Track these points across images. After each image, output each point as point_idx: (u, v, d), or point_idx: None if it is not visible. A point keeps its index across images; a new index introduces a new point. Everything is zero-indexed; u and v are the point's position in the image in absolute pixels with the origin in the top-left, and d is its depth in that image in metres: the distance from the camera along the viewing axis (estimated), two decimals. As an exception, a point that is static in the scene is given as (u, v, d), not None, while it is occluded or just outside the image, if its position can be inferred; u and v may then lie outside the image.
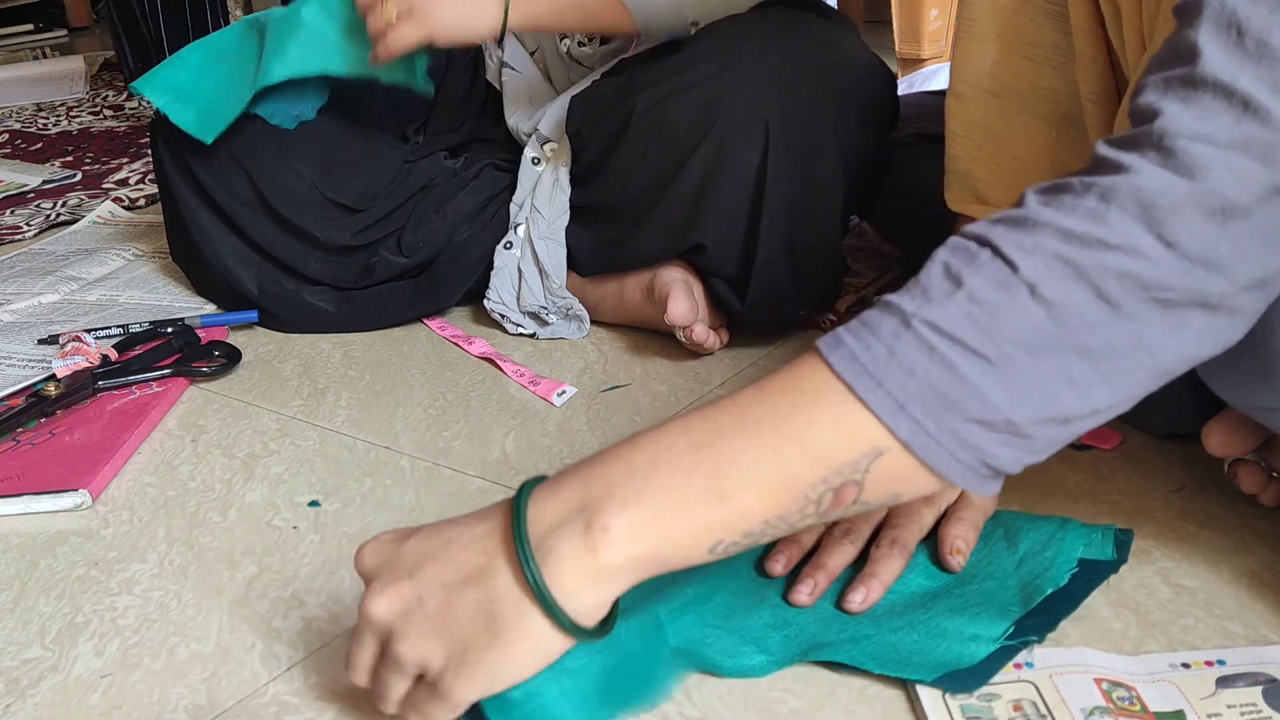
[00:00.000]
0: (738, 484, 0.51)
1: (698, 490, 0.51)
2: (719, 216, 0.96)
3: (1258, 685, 0.58)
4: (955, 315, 0.48)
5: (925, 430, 0.49)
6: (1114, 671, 0.59)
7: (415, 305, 1.11)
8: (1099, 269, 0.47)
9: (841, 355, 0.50)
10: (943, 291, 0.49)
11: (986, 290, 0.48)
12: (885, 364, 0.49)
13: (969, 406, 0.48)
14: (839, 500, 0.51)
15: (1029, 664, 0.60)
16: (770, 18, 1.02)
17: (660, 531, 0.51)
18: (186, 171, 1.10)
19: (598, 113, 1.04)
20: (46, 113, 2.23)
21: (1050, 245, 0.48)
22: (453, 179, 1.12)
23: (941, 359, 0.48)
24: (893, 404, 0.49)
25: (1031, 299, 0.48)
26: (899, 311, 0.50)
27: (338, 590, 0.72)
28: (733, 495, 0.51)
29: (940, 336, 0.48)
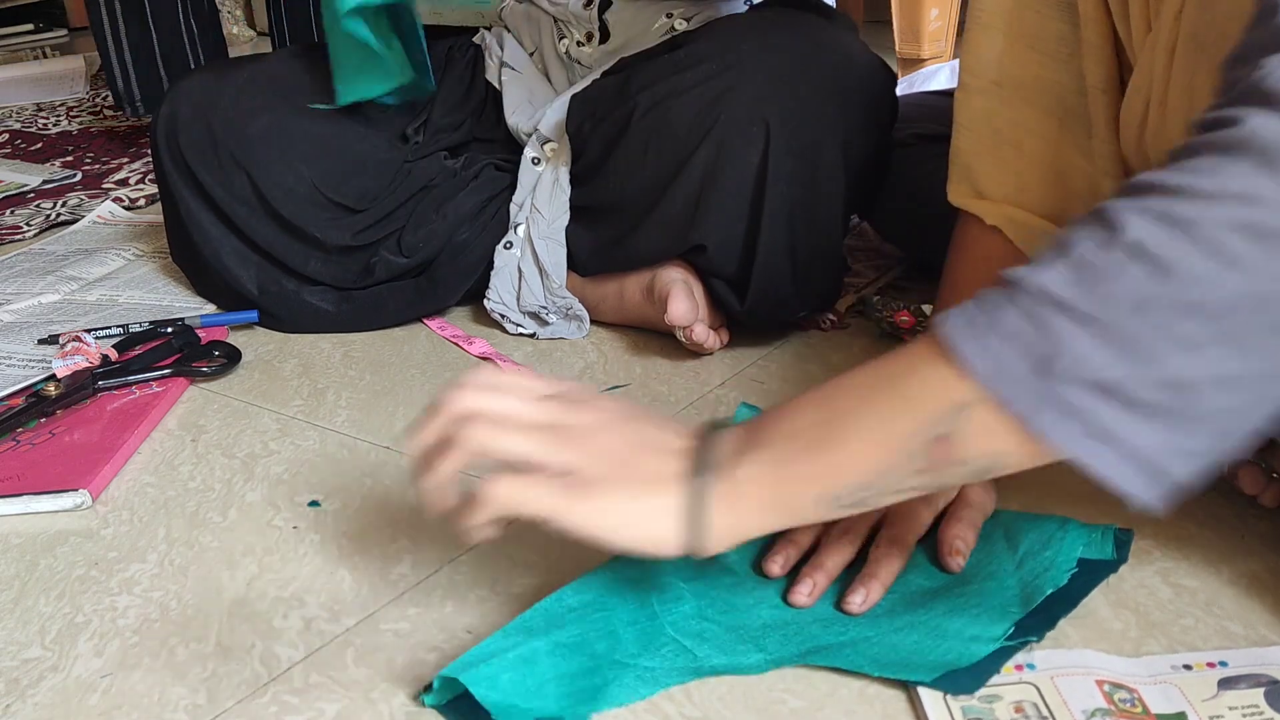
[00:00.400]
0: (846, 435, 0.53)
1: (814, 438, 0.54)
2: (719, 216, 0.96)
3: (1260, 687, 0.58)
4: (1057, 278, 0.48)
5: (1027, 391, 0.48)
6: (1115, 673, 0.59)
7: (415, 305, 1.11)
8: (1212, 222, 0.45)
9: (952, 324, 0.51)
10: (1049, 259, 0.49)
11: (1090, 253, 0.48)
12: (987, 328, 0.49)
13: (1065, 365, 0.47)
14: (938, 456, 0.51)
15: (1030, 665, 0.60)
16: (771, 17, 1.02)
17: (786, 473, 0.55)
18: (186, 171, 1.10)
19: (598, 112, 1.04)
20: (46, 113, 2.23)
21: (1158, 205, 0.47)
22: (453, 179, 1.12)
23: (1041, 321, 0.48)
24: (993, 366, 0.49)
25: (1133, 257, 0.46)
26: (1008, 281, 0.50)
27: (338, 590, 0.72)
28: (841, 444, 0.53)
29: (1041, 300, 0.48)
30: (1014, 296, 0.49)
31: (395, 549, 0.76)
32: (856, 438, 0.53)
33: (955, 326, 0.50)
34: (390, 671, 0.64)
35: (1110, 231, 0.48)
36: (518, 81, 1.17)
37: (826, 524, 0.68)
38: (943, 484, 0.53)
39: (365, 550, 0.76)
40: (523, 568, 0.73)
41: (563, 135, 1.08)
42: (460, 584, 0.72)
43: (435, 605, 0.70)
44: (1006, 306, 0.49)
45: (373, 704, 0.61)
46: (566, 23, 1.16)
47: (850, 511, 0.55)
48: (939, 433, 0.51)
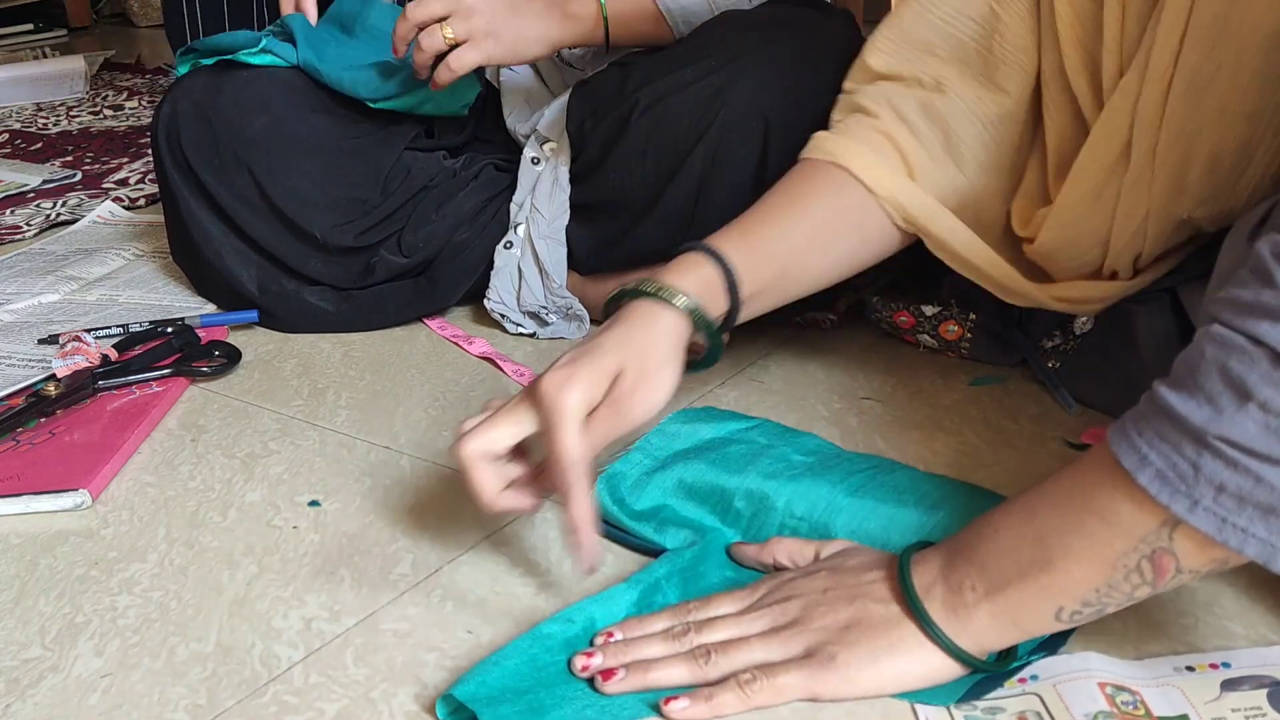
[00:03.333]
0: (1058, 554, 0.55)
1: (1027, 558, 0.56)
2: (719, 214, 0.96)
3: (1263, 688, 0.58)
4: (1253, 431, 0.48)
5: (1256, 537, 0.49)
6: (1118, 675, 0.59)
7: (415, 305, 1.11)
8: None
9: (1150, 474, 0.50)
10: (1230, 403, 0.49)
11: (1277, 399, 0.48)
12: (1194, 482, 0.49)
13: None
14: (1161, 569, 0.52)
15: (1033, 677, 0.59)
16: (770, 14, 1.02)
17: (1008, 594, 0.56)
18: (188, 171, 1.10)
19: (599, 109, 1.04)
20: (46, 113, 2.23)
21: None
22: (453, 179, 1.12)
23: (1249, 474, 0.48)
24: (1214, 519, 0.49)
25: None
26: (1192, 428, 0.50)
27: (338, 590, 0.72)
28: (1056, 564, 0.55)
29: (1240, 452, 0.48)
30: (1208, 446, 0.49)
31: (395, 549, 0.76)
32: (1070, 557, 0.54)
33: (1150, 475, 0.50)
34: (390, 671, 0.64)
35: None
36: (516, 83, 1.17)
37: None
38: (1174, 587, 0.54)
39: (365, 550, 0.76)
40: (523, 567, 0.73)
41: (562, 135, 1.08)
42: (460, 584, 0.72)
43: (435, 605, 0.70)
44: (1205, 458, 0.49)
45: (373, 704, 0.61)
46: None
47: (1087, 620, 0.56)
48: (1156, 548, 0.52)
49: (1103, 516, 0.53)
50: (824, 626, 0.59)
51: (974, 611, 0.57)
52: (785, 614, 0.61)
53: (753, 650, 0.59)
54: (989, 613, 0.57)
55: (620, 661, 0.60)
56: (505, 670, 0.60)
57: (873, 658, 0.58)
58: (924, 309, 0.98)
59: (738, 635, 0.61)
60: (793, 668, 0.58)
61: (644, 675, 0.59)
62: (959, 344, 0.98)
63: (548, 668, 0.61)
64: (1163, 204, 0.73)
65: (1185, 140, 0.69)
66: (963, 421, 0.88)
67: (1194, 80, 0.67)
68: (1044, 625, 0.56)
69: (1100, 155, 0.74)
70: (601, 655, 0.61)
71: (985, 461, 0.83)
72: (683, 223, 0.98)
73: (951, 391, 0.94)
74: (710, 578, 0.69)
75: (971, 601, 0.57)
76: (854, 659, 0.58)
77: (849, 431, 0.87)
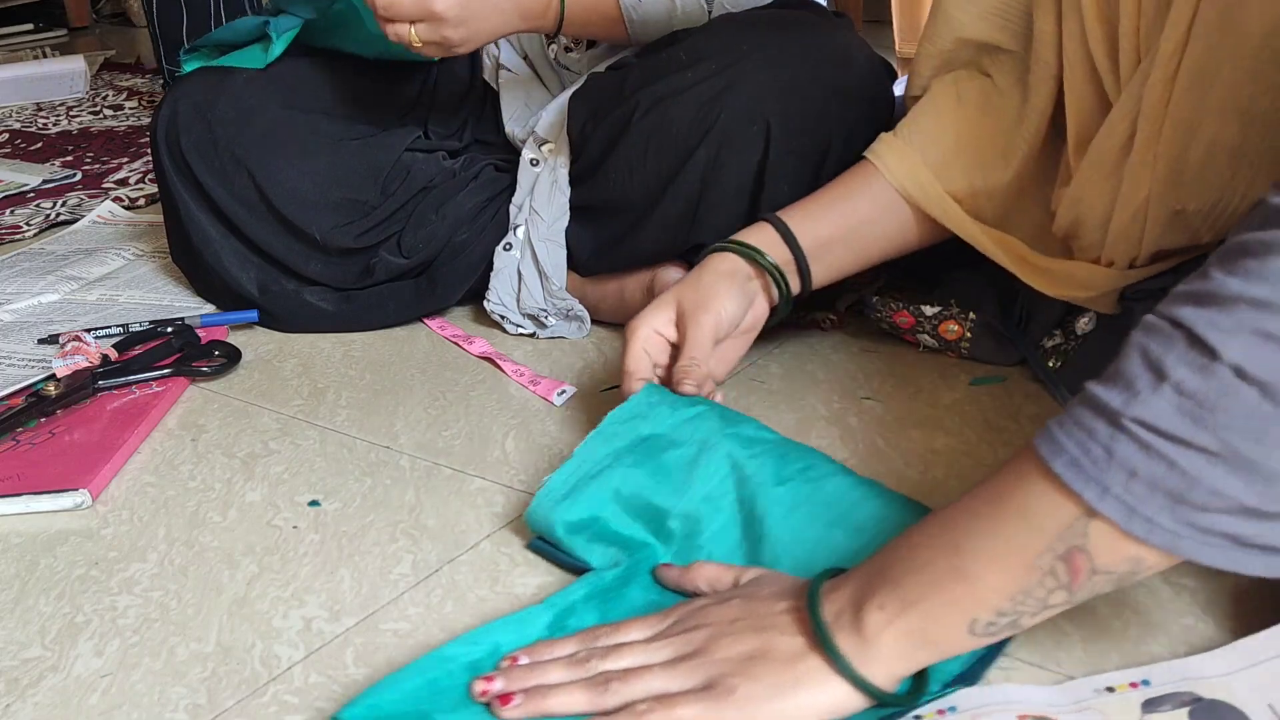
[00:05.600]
0: (973, 560, 0.53)
1: (941, 569, 0.54)
2: (719, 216, 0.96)
3: (1184, 707, 0.56)
4: (1163, 410, 0.48)
5: (1162, 527, 0.48)
6: (1036, 705, 0.57)
7: (415, 305, 1.11)
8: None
9: (1064, 462, 0.50)
10: (1147, 385, 0.48)
11: (1191, 379, 0.47)
12: (1106, 468, 0.49)
13: (1201, 499, 0.47)
14: (1075, 570, 0.51)
15: (952, 709, 0.58)
16: (770, 16, 1.02)
17: (920, 610, 0.54)
18: (187, 172, 1.10)
19: (599, 111, 1.04)
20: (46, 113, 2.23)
21: (1247, 320, 0.47)
22: (452, 180, 1.12)
23: (1160, 457, 0.48)
24: (1122, 507, 0.49)
25: (1241, 382, 0.46)
26: (1108, 410, 0.49)
27: (338, 590, 0.72)
28: (971, 571, 0.53)
29: (1153, 434, 0.48)
30: (1122, 429, 0.48)
31: (395, 549, 0.76)
32: (984, 563, 0.53)
33: (1064, 463, 0.50)
34: (390, 671, 0.64)
35: (1205, 354, 0.47)
36: (514, 85, 1.17)
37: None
38: (1088, 595, 0.52)
39: (365, 550, 0.76)
40: (523, 567, 0.73)
41: (560, 136, 1.08)
42: (460, 584, 0.72)
43: (435, 605, 0.70)
44: (1118, 441, 0.49)
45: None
46: None
47: (1006, 634, 0.54)
48: (1070, 546, 0.51)
49: (1020, 515, 0.51)
50: (727, 658, 0.57)
51: (883, 634, 0.55)
52: (690, 643, 0.59)
53: (653, 679, 0.57)
54: (900, 632, 0.55)
55: (518, 686, 0.58)
56: (401, 691, 0.58)
57: (775, 691, 0.56)
58: (924, 309, 0.98)
59: (641, 663, 0.59)
60: (691, 699, 0.56)
61: (540, 701, 0.57)
62: (959, 344, 0.98)
63: (447, 691, 0.59)
64: (1161, 192, 0.73)
65: (1186, 130, 0.69)
66: (963, 421, 0.88)
67: (1198, 73, 0.67)
68: (958, 641, 0.54)
69: (1114, 135, 0.75)
70: (501, 680, 0.59)
71: (985, 461, 0.83)
72: (683, 224, 0.98)
73: (951, 391, 0.94)
74: (634, 600, 0.67)
75: (881, 623, 0.55)
76: (754, 692, 0.56)
77: (849, 431, 0.87)
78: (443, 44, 0.97)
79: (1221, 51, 0.65)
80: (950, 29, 0.87)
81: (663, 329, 0.85)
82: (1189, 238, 0.77)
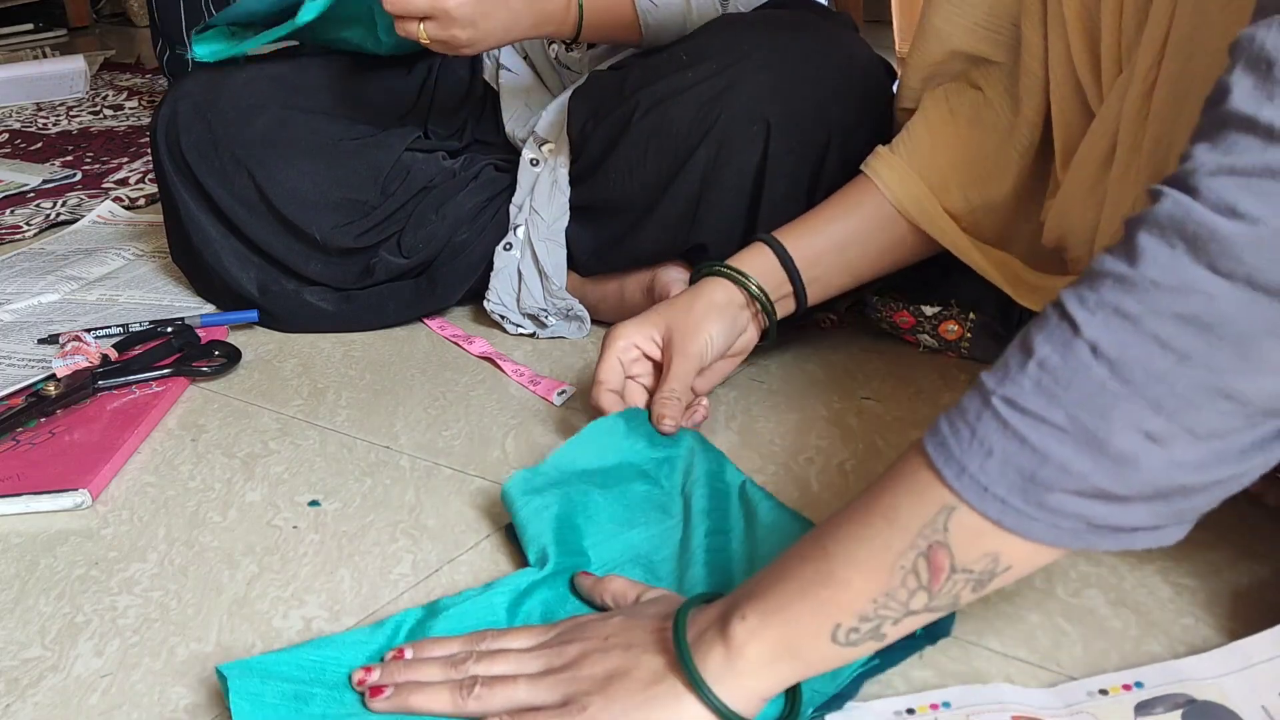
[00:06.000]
0: (841, 564, 0.52)
1: (808, 576, 0.53)
2: (720, 216, 0.96)
3: (1177, 709, 0.56)
4: (1026, 387, 0.48)
5: (1013, 508, 0.48)
6: (1030, 706, 0.57)
7: (415, 305, 1.11)
8: (1156, 315, 0.45)
9: (934, 443, 0.50)
10: (1017, 363, 0.49)
11: (1052, 356, 0.47)
12: (968, 447, 0.49)
13: (1050, 477, 0.47)
14: (936, 567, 0.50)
15: (945, 704, 0.57)
16: (771, 16, 1.02)
17: (784, 617, 0.53)
18: (187, 173, 1.10)
19: (599, 111, 1.04)
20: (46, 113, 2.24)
21: (1109, 297, 0.47)
22: (452, 180, 1.12)
23: (1015, 434, 0.48)
24: (976, 486, 0.48)
25: (1094, 358, 0.46)
26: (982, 390, 0.49)
27: (338, 590, 0.72)
28: (838, 575, 0.52)
29: (1013, 410, 0.48)
30: (989, 406, 0.49)
31: (395, 549, 0.76)
32: (851, 565, 0.52)
33: (934, 443, 0.50)
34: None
35: (1069, 330, 0.47)
36: (515, 84, 1.17)
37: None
38: (948, 603, 0.51)
39: (365, 550, 0.76)
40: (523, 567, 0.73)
41: (560, 136, 1.08)
42: (460, 584, 0.72)
43: (435, 605, 0.70)
44: (983, 420, 0.49)
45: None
46: None
47: (870, 646, 0.53)
48: (931, 541, 0.50)
49: (886, 514, 0.51)
50: (590, 675, 0.56)
51: (748, 647, 0.53)
52: (561, 657, 0.58)
53: (516, 691, 0.57)
54: (764, 645, 0.53)
55: (391, 680, 0.59)
56: (289, 660, 0.61)
57: (624, 712, 0.54)
58: (924, 309, 0.98)
59: (512, 672, 0.58)
60: (544, 715, 0.55)
61: (405, 698, 0.58)
62: (959, 344, 0.98)
63: (332, 671, 0.61)
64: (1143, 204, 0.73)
65: (1165, 140, 0.69)
66: (962, 421, 0.88)
67: (1174, 87, 0.67)
68: (821, 651, 0.53)
69: (1096, 148, 0.75)
70: (379, 671, 0.60)
71: (985, 461, 0.83)
72: (683, 224, 0.98)
73: (951, 391, 0.94)
74: (541, 598, 0.67)
75: (745, 635, 0.53)
76: (605, 713, 0.54)
77: (849, 431, 0.87)
78: (450, 43, 0.97)
79: (1194, 67, 0.65)
80: (939, 42, 0.87)
81: (643, 344, 0.84)
82: None
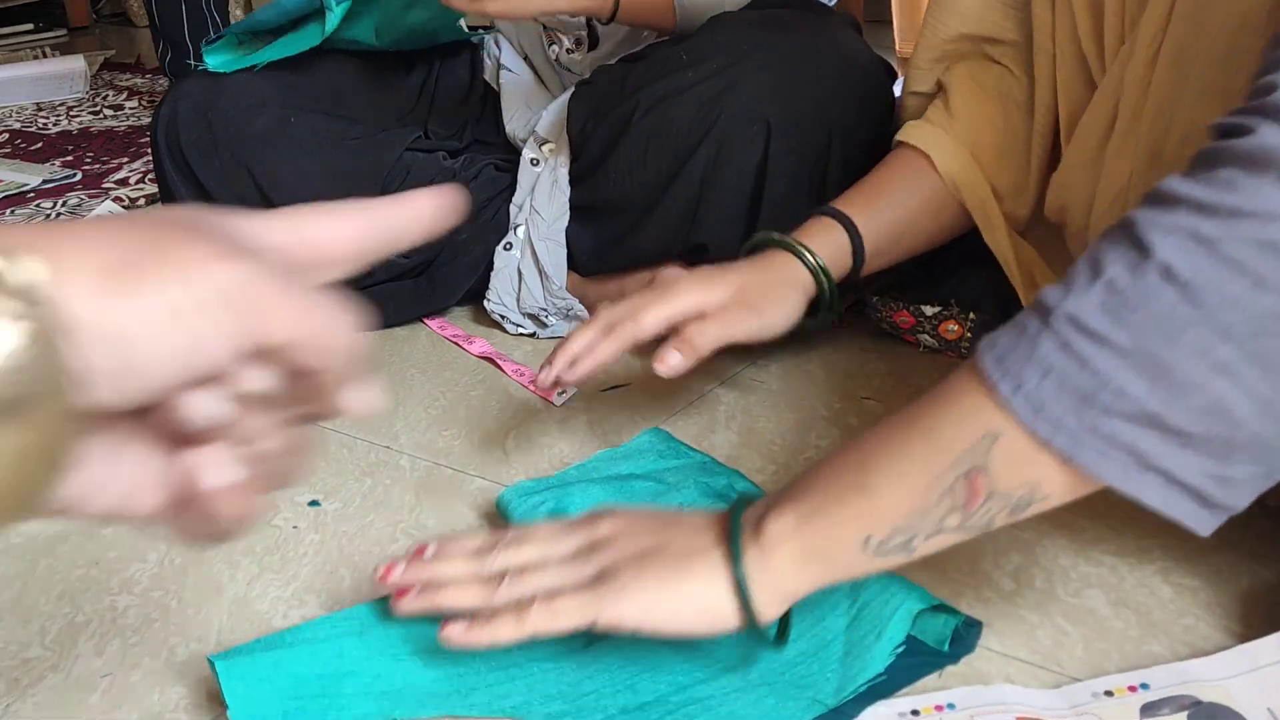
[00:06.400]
0: (878, 477, 0.52)
1: (845, 483, 0.53)
2: (720, 216, 0.96)
3: (1183, 710, 0.56)
4: (1090, 306, 0.47)
5: (1066, 429, 0.47)
6: (1035, 707, 0.57)
7: (415, 305, 1.11)
8: (1237, 241, 0.44)
9: (992, 357, 0.50)
10: (1084, 281, 0.48)
11: (1122, 276, 0.47)
12: (1024, 363, 0.48)
13: (1108, 400, 0.46)
14: (973, 491, 0.50)
15: (950, 705, 0.57)
16: (771, 16, 1.02)
17: (817, 522, 0.53)
18: (188, 172, 1.10)
19: (599, 111, 1.04)
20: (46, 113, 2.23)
21: (1186, 222, 0.46)
22: (452, 180, 1.12)
23: (1075, 354, 0.47)
24: (1030, 405, 0.48)
25: (1164, 281, 0.45)
26: (1043, 307, 0.49)
27: (338, 590, 0.72)
28: (873, 487, 0.52)
29: (1075, 330, 0.47)
30: (1049, 325, 0.48)
31: (395, 549, 0.76)
32: (888, 480, 0.52)
33: (991, 357, 0.49)
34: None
35: (1139, 252, 0.46)
36: (515, 85, 1.17)
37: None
38: (982, 524, 0.51)
39: (365, 550, 0.76)
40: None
41: (560, 136, 1.08)
42: (460, 584, 0.72)
43: (435, 605, 0.70)
44: (1043, 337, 0.48)
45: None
46: (555, 29, 1.16)
47: (898, 559, 0.53)
48: (972, 465, 0.49)
49: (927, 434, 0.51)
50: (621, 549, 0.56)
51: (781, 545, 0.54)
52: (591, 537, 0.57)
53: (546, 575, 0.56)
54: (796, 546, 0.53)
55: (415, 578, 0.58)
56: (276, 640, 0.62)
57: (657, 583, 0.54)
58: (924, 309, 0.98)
59: (540, 557, 0.57)
60: (574, 592, 0.54)
61: (433, 596, 0.57)
62: (959, 344, 0.98)
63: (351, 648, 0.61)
64: (1142, 173, 0.73)
65: (1167, 110, 0.70)
66: (963, 421, 0.88)
67: (1179, 53, 0.67)
68: (851, 557, 0.53)
69: (1098, 117, 0.75)
70: (400, 568, 0.59)
71: (985, 461, 0.83)
72: (683, 224, 0.98)
73: (951, 391, 0.94)
74: None
75: (778, 533, 0.54)
76: (635, 583, 0.54)
77: (849, 431, 0.87)
78: (477, 4, 0.96)
79: (1199, 35, 0.65)
80: (958, 19, 0.86)
81: (705, 308, 0.75)
82: None
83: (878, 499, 0.52)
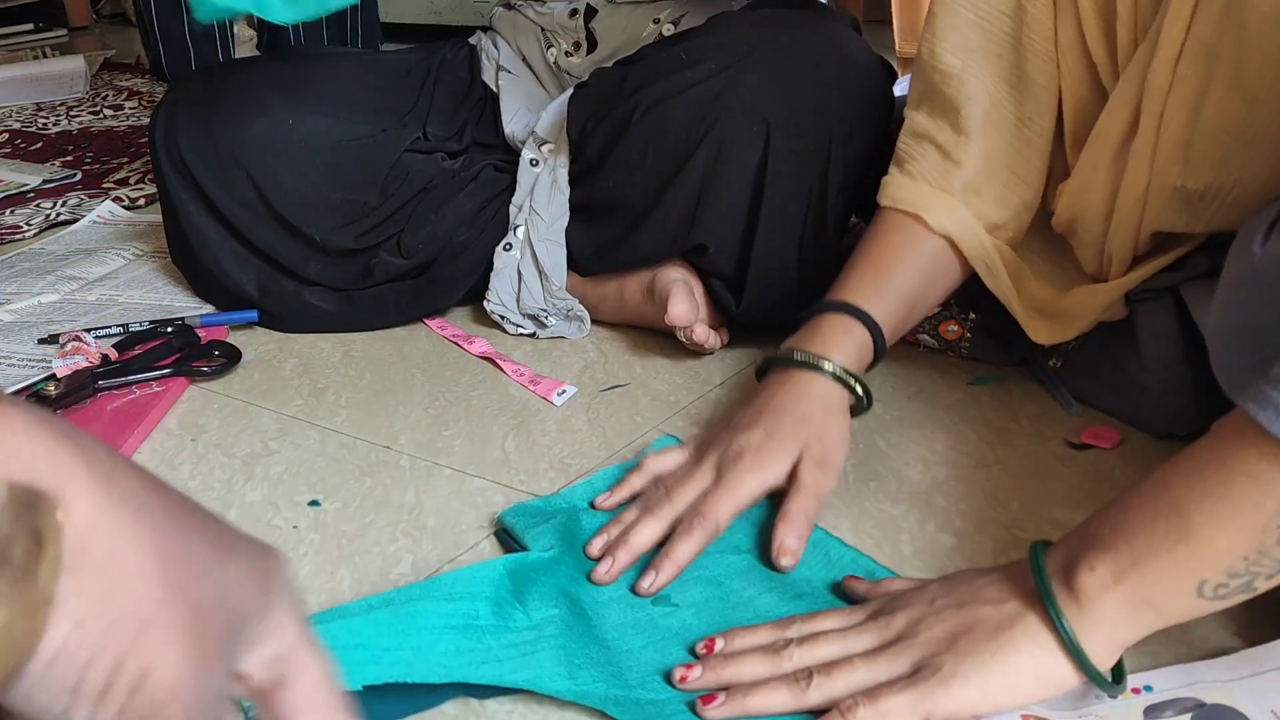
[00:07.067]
0: (1200, 521, 0.51)
1: (1163, 530, 0.52)
2: (719, 216, 0.96)
3: (1187, 713, 0.56)
4: None
5: None
6: (1038, 707, 0.57)
7: (415, 306, 1.11)
8: None
9: (1272, 416, 0.48)
10: None
11: None
12: None
13: None
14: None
15: None
16: (770, 15, 1.02)
17: (1140, 572, 0.52)
18: (186, 174, 1.10)
19: (598, 111, 1.04)
20: (46, 113, 2.23)
21: None
22: (451, 180, 1.12)
23: None
24: None
25: None
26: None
27: (338, 590, 0.72)
28: (1197, 533, 0.51)
29: None
30: None
31: (395, 549, 0.76)
32: (1214, 523, 0.50)
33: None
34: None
35: None
36: (514, 86, 1.17)
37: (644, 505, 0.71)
38: None
39: (365, 550, 0.76)
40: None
41: (559, 136, 1.08)
42: (460, 584, 0.71)
43: (435, 605, 0.70)
44: None
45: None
46: (554, 32, 1.17)
47: (1240, 598, 0.52)
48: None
49: (1250, 475, 0.49)
50: (931, 638, 0.55)
51: (1100, 600, 0.53)
52: (890, 628, 0.57)
53: (855, 671, 0.55)
54: (1121, 598, 0.53)
55: (717, 679, 0.58)
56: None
57: (982, 664, 0.54)
58: (924, 309, 0.98)
59: (841, 653, 0.57)
60: (897, 688, 0.54)
61: (743, 701, 0.56)
62: (959, 344, 0.98)
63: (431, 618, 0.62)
64: (1164, 173, 0.73)
65: (1191, 109, 0.69)
66: (963, 421, 0.88)
67: (1203, 52, 0.67)
68: (1184, 604, 0.52)
69: (1116, 121, 0.75)
70: (701, 669, 0.58)
71: (985, 461, 0.83)
72: (683, 224, 0.98)
73: (951, 391, 0.94)
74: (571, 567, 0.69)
75: (1095, 589, 0.53)
76: (962, 669, 0.53)
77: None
78: None
79: (1229, 31, 0.65)
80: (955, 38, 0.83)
81: (779, 484, 0.72)
82: (1186, 219, 0.76)
83: (1205, 545, 0.51)
